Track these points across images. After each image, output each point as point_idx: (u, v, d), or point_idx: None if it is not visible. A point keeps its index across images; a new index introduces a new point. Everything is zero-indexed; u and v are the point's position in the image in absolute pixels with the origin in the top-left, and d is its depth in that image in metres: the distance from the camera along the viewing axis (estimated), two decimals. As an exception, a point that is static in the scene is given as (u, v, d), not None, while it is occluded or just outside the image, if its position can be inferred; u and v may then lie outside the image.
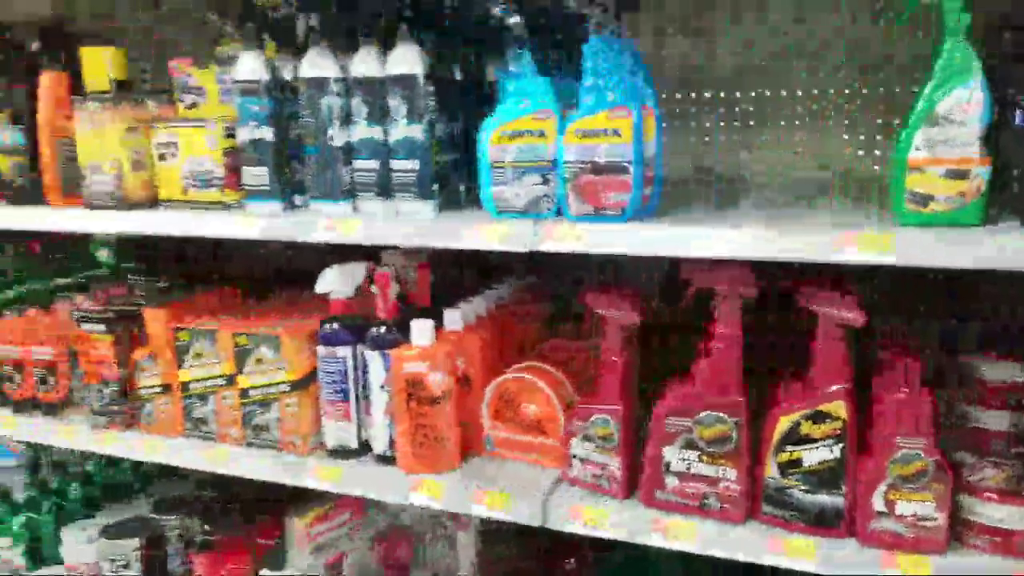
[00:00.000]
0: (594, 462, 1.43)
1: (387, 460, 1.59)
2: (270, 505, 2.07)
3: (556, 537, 1.70)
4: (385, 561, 1.87)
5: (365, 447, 1.64)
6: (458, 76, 1.55)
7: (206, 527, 1.92)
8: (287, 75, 1.57)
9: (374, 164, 1.50)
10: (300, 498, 1.95)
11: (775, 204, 1.49)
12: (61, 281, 2.26)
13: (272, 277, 2.10)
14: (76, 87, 1.76)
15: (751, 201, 1.54)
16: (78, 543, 2.09)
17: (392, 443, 1.57)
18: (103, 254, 2.52)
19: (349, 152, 1.52)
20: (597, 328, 1.78)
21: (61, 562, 2.14)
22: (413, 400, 1.51)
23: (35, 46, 1.77)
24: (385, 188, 1.51)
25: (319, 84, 1.49)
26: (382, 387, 1.56)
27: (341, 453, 1.64)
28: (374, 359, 1.56)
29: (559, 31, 1.54)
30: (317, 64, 1.49)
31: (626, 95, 1.24)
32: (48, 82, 1.77)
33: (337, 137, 1.51)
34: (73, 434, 1.87)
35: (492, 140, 1.35)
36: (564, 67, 1.46)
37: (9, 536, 2.13)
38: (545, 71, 1.35)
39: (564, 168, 1.30)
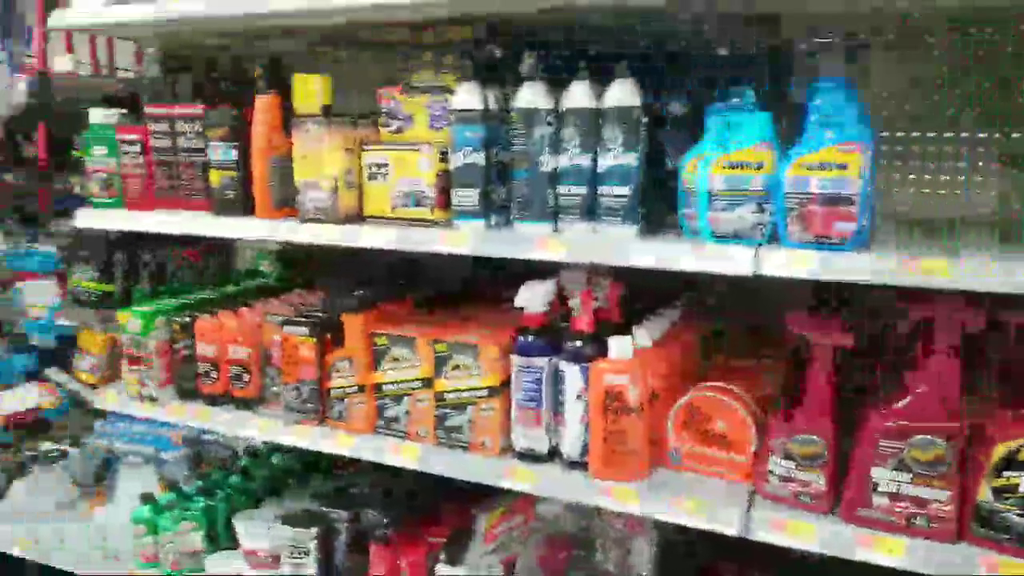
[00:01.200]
0: (795, 479, 1.49)
1: (578, 466, 1.68)
2: (432, 502, 2.20)
3: (720, 549, 1.77)
4: (552, 566, 1.96)
5: (553, 452, 1.74)
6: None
7: (385, 520, 2.04)
8: (492, 105, 1.70)
9: (581, 189, 1.60)
10: (456, 497, 2.05)
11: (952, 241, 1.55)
12: (247, 285, 2.44)
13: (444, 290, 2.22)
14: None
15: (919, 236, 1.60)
16: (253, 530, 2.25)
17: (585, 450, 1.67)
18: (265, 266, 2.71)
19: (555, 177, 1.63)
20: (756, 348, 1.88)
21: (234, 547, 2.31)
22: (610, 411, 1.60)
23: (256, 72, 1.93)
24: (588, 211, 1.61)
25: (533, 115, 1.60)
26: (578, 397, 1.66)
27: (530, 457, 1.74)
28: (571, 370, 1.66)
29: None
30: (532, 96, 1.61)
31: (853, 133, 1.32)
32: (263, 105, 1.93)
33: (547, 163, 1.62)
34: (267, 427, 2.03)
35: (712, 170, 1.44)
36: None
37: (192, 520, 2.31)
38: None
39: (785, 198, 1.38)
